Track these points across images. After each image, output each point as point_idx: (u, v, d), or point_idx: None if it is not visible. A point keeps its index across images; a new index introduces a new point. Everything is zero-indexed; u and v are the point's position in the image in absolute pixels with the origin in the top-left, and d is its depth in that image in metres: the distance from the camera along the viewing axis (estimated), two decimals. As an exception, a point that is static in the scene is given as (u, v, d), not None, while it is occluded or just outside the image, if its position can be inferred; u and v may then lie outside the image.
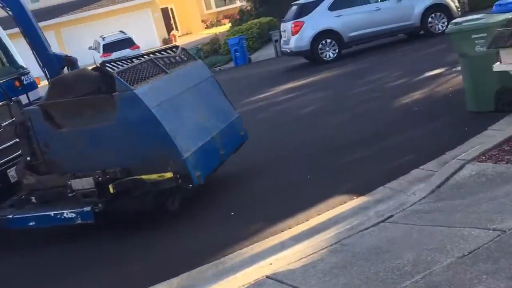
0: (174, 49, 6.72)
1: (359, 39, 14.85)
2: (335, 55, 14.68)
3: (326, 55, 14.73)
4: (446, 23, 13.72)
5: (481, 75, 6.56)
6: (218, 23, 38.36)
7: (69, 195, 5.68)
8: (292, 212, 5.30)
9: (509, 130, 5.72)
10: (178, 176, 5.39)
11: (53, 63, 7.35)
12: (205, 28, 38.80)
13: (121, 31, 27.34)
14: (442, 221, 4.20)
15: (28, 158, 6.02)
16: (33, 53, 7.37)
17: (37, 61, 7.38)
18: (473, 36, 6.58)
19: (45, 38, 7.49)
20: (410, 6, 14.56)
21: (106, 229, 5.81)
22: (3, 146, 6.57)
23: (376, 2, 14.77)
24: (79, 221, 5.60)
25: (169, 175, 5.39)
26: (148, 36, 33.97)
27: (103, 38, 26.45)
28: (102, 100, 5.78)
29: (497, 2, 7.68)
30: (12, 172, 6.47)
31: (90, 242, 5.74)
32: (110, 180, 5.51)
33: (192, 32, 38.73)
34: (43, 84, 7.63)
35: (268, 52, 20.45)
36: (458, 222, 4.08)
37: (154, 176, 5.43)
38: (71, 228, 5.84)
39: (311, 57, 15.18)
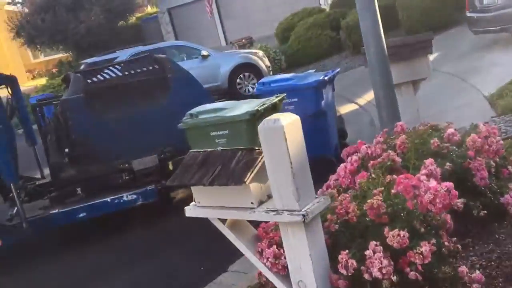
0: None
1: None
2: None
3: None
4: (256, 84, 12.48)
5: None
6: (48, 72, 34.87)
7: (126, 178, 5.92)
8: None
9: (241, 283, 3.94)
10: None
11: None
12: (32, 79, 35.08)
13: None
14: None
15: (67, 150, 5.98)
16: None
17: None
18: (212, 134, 4.80)
19: None
20: (216, 66, 13.10)
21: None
22: None
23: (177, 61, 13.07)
24: (140, 202, 5.86)
25: None
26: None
27: None
28: (154, 82, 6.29)
29: (260, 80, 6.15)
30: None
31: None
32: (169, 158, 5.92)
33: (16, 83, 34.71)
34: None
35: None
36: None
37: None
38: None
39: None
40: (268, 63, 13.75)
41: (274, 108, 5.09)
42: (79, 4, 23.51)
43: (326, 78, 5.72)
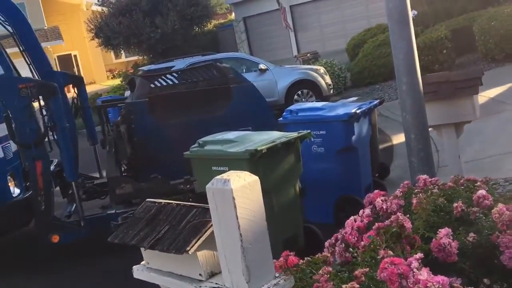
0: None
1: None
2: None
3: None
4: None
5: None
6: (127, 72, 35.89)
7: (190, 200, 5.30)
8: None
9: None
10: None
11: (56, 79, 6.46)
12: (111, 78, 36.25)
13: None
14: None
15: (130, 153, 5.93)
16: (31, 70, 6.80)
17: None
18: (213, 168, 4.40)
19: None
20: (273, 80, 12.67)
21: None
22: None
23: (234, 74, 12.73)
24: None
25: None
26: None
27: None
28: (216, 91, 6.20)
29: (288, 108, 5.60)
30: None
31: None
32: None
33: (96, 81, 36.01)
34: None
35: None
36: None
37: None
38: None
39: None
40: (329, 81, 13.15)
41: (289, 146, 4.54)
42: (156, 9, 23.87)
43: (358, 111, 5.11)
